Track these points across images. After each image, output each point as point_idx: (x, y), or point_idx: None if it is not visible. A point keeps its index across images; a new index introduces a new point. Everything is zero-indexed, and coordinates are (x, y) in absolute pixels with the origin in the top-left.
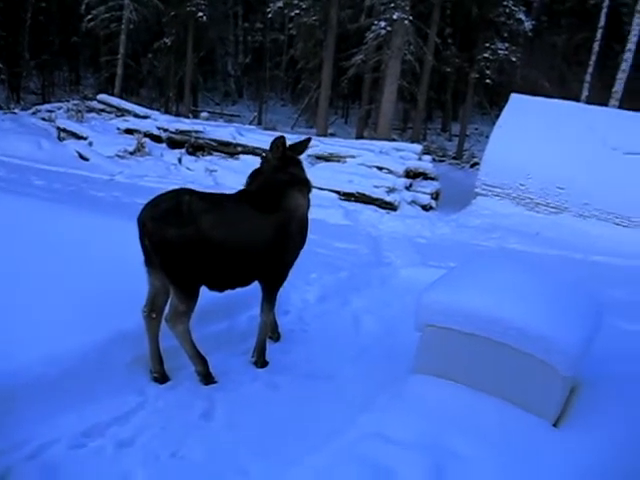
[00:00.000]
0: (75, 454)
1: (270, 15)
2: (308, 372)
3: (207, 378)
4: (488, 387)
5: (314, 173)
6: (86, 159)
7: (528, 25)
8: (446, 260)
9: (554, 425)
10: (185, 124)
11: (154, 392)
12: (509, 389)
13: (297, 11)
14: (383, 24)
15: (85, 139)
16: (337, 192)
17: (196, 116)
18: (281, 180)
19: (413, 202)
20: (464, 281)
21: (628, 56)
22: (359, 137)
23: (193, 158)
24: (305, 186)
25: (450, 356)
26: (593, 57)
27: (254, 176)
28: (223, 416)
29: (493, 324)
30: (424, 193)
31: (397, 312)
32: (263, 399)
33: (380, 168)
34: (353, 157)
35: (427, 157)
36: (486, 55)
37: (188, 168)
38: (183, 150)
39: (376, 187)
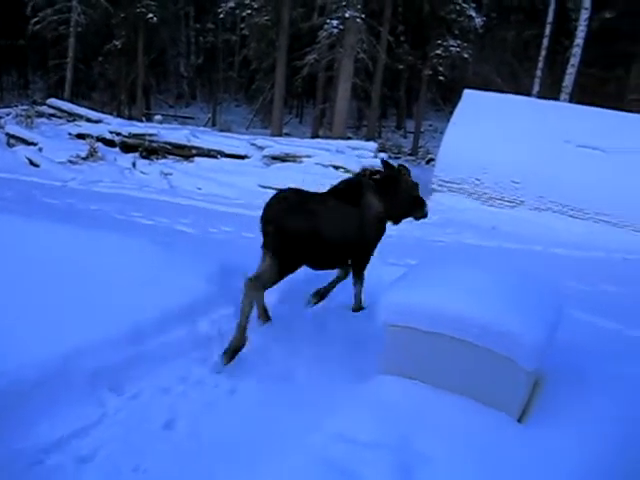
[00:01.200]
0: (32, 472)
1: (222, 15)
2: (270, 375)
3: (231, 356)
4: (453, 385)
5: (269, 174)
6: (37, 165)
7: (479, 21)
8: (405, 257)
9: (519, 420)
10: (138, 127)
11: (114, 404)
12: (474, 386)
13: (249, 11)
14: (335, 23)
15: (35, 145)
16: None
17: (149, 119)
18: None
19: None
20: (425, 279)
21: (576, 51)
22: (314, 136)
23: (147, 162)
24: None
25: (414, 356)
26: (543, 52)
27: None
28: (185, 425)
29: (455, 322)
30: None
31: (360, 312)
32: (225, 405)
33: (336, 167)
34: (309, 157)
35: (383, 155)
36: (438, 52)
37: (142, 172)
38: (137, 154)
39: None
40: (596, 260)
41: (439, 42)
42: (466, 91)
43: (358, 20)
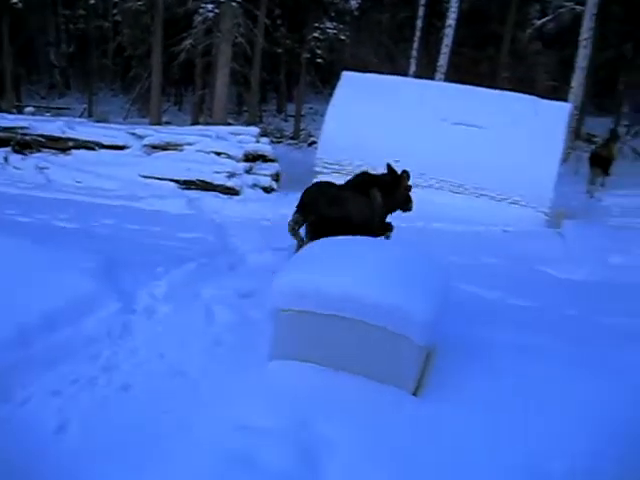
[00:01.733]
0: None
1: (92, 1)
2: (162, 370)
3: None
4: (349, 365)
5: (150, 163)
6: None
7: (354, 4)
8: (293, 241)
9: (414, 394)
10: (8, 120)
11: (3, 412)
12: (369, 365)
13: None
14: (210, 7)
15: None
16: (176, 181)
17: (21, 112)
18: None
19: (255, 185)
20: (314, 261)
21: (449, 32)
22: (195, 123)
23: (20, 156)
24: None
25: (308, 338)
26: (417, 34)
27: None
28: (78, 427)
29: (347, 302)
30: (265, 175)
31: (249, 299)
32: (118, 403)
33: (218, 153)
34: (190, 144)
35: (265, 139)
36: (316, 35)
37: (16, 167)
38: (8, 148)
39: (216, 173)
40: (477, 234)
41: (316, 25)
42: (344, 73)
43: (234, 4)
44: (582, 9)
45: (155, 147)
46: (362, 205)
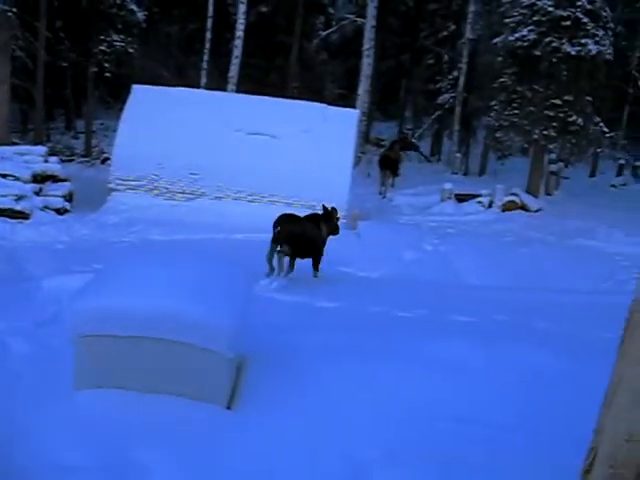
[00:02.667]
0: None
1: None
2: None
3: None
4: (160, 386)
5: None
6: None
7: (141, 16)
8: (91, 263)
9: (228, 408)
10: None
11: None
12: (180, 383)
13: None
14: None
15: None
16: None
17: None
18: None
19: (46, 207)
20: (113, 283)
21: (238, 43)
22: None
23: None
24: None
25: (113, 363)
26: (207, 45)
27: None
28: None
29: (149, 322)
30: (56, 196)
31: (48, 327)
32: None
33: (4, 175)
34: None
35: (54, 158)
36: (102, 48)
37: None
38: None
39: (3, 196)
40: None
41: (102, 37)
42: (134, 87)
43: (10, 14)
44: (363, 21)
45: None
46: (315, 231)
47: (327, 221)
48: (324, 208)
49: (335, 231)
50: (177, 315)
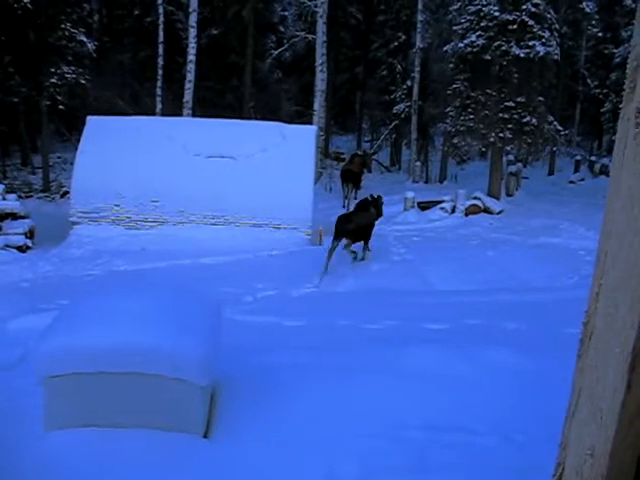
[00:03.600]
0: None
1: None
2: None
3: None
4: (133, 421)
5: None
6: None
7: (91, 46)
8: (56, 299)
9: (204, 437)
10: None
11: None
12: (154, 416)
13: None
14: None
15: None
16: None
17: None
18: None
19: (7, 246)
20: (80, 319)
21: (191, 67)
22: None
23: None
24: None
25: (84, 401)
26: (160, 72)
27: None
28: None
29: (117, 356)
30: (17, 234)
31: (14, 370)
32: None
33: None
34: None
35: (12, 195)
36: (54, 80)
37: None
38: None
39: None
40: (246, 262)
41: (53, 70)
42: (89, 118)
43: None
44: (314, 37)
45: None
46: (367, 215)
47: (376, 206)
48: (372, 196)
49: (381, 214)
50: (145, 347)
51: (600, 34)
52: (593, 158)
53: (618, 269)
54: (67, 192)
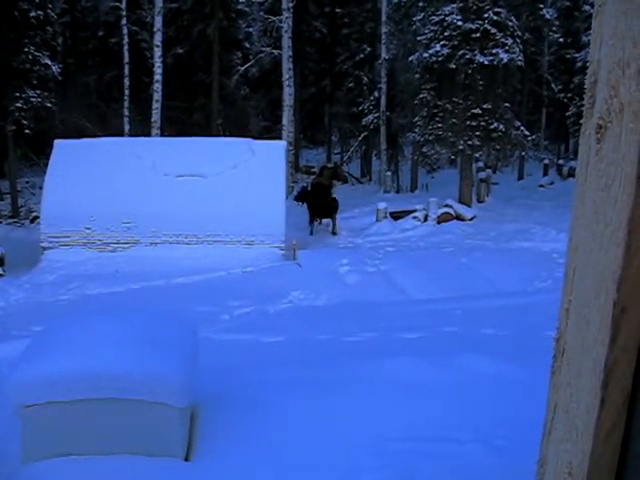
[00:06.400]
0: None
1: None
2: None
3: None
4: (112, 448)
5: None
6: None
7: (56, 69)
8: (30, 326)
9: (186, 460)
10: None
11: None
12: (133, 441)
13: None
14: None
15: None
16: None
17: None
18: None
19: None
20: (54, 345)
21: (157, 87)
22: None
23: None
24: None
25: (61, 430)
26: (126, 92)
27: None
28: None
29: (94, 381)
30: None
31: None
32: None
33: None
34: None
35: None
36: (19, 105)
37: None
38: None
39: None
40: (220, 279)
41: (17, 94)
42: (57, 141)
43: None
44: (280, 52)
45: None
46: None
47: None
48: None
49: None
50: (121, 372)
51: (561, 39)
52: (561, 161)
53: (586, 285)
54: (37, 217)
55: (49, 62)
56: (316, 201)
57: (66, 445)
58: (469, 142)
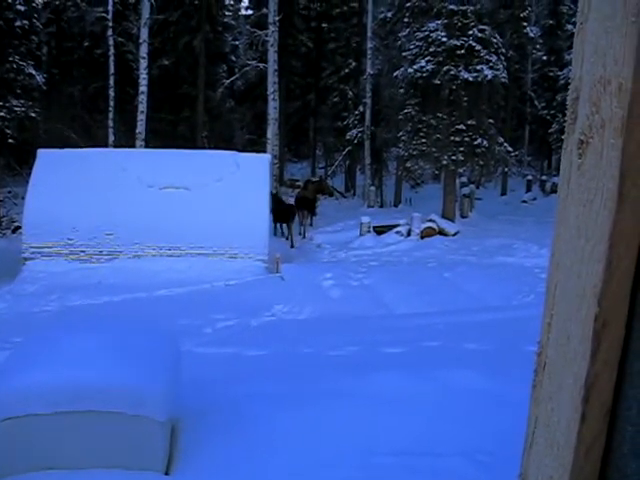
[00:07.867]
0: None
1: None
2: None
3: None
4: (92, 461)
5: None
6: None
7: (40, 79)
8: (10, 337)
9: (166, 474)
10: None
11: None
12: (114, 454)
13: None
14: None
15: None
16: None
17: None
18: None
19: None
20: (35, 357)
21: (143, 98)
22: None
23: None
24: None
25: (41, 444)
26: (111, 103)
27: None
28: None
29: (73, 395)
30: None
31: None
32: None
33: None
34: None
35: None
36: (3, 114)
37: None
38: None
39: None
40: (204, 292)
41: (1, 104)
42: (40, 151)
43: None
44: (265, 66)
45: None
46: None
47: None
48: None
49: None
50: (101, 384)
51: (545, 57)
52: (544, 177)
53: (568, 300)
54: (19, 227)
55: (33, 72)
56: (277, 207)
57: (45, 458)
58: (453, 157)
